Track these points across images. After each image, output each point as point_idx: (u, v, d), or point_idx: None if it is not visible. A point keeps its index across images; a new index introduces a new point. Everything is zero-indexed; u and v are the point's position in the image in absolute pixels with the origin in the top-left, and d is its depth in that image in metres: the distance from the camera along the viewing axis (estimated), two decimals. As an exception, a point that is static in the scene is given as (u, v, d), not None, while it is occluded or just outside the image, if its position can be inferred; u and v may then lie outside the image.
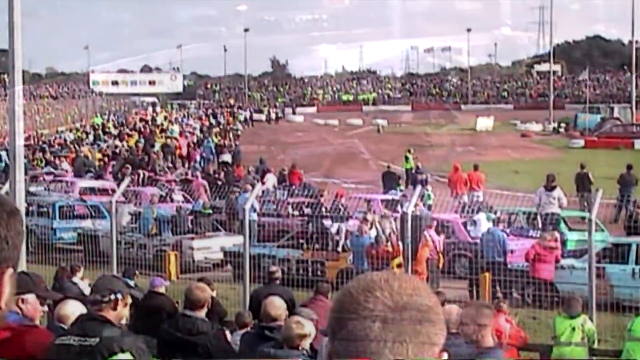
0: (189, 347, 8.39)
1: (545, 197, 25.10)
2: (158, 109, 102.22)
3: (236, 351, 9.15)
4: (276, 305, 9.05)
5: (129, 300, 6.50)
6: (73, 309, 7.09)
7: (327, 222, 24.03)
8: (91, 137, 65.05)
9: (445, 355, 2.14)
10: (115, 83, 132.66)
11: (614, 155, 49.98)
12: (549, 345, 13.60)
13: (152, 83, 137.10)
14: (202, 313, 8.75)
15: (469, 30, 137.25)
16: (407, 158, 42.37)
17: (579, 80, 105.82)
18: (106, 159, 45.38)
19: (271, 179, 35.72)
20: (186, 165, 48.06)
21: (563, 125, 79.75)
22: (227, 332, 9.90)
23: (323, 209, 24.46)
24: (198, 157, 48.54)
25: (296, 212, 27.21)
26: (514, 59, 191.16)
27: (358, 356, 2.08)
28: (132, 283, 15.13)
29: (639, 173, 36.57)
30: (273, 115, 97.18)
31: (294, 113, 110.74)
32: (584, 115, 77.56)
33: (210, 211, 26.77)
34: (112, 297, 6.28)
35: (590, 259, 15.36)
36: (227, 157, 47.61)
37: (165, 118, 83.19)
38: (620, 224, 26.35)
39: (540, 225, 24.53)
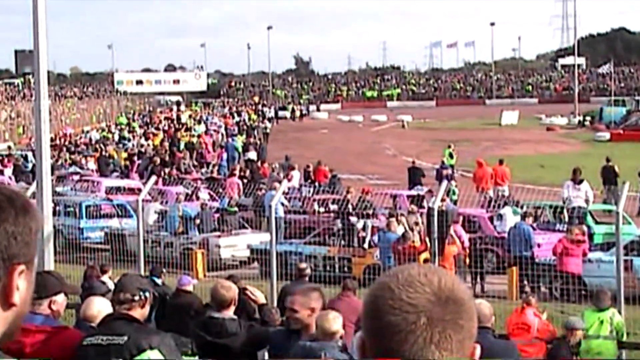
0: (220, 350, 8.34)
1: (573, 190, 25.01)
2: (182, 107, 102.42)
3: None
4: (307, 301, 9.02)
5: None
6: (100, 307, 7.11)
7: (353, 219, 24.02)
8: (116, 137, 65.35)
9: (478, 348, 2.14)
10: (139, 82, 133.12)
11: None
12: (577, 338, 13.54)
13: (176, 82, 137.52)
14: (229, 312, 8.70)
15: (492, 24, 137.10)
16: (451, 155, 42.38)
17: (602, 73, 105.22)
18: (134, 158, 45.49)
19: (297, 176, 35.77)
20: (211, 163, 48.20)
21: (588, 118, 79.44)
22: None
23: (349, 206, 24.43)
24: (225, 156, 48.61)
25: (322, 209, 27.23)
26: (538, 53, 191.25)
27: (401, 353, 2.06)
28: (159, 281, 15.20)
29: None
30: (297, 113, 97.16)
31: (318, 110, 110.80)
32: (609, 108, 77.17)
33: (236, 209, 26.81)
34: (143, 295, 6.32)
35: (618, 252, 15.26)
36: (252, 155, 47.71)
37: (190, 117, 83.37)
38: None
39: (567, 219, 24.45)
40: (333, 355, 7.60)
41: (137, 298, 6.27)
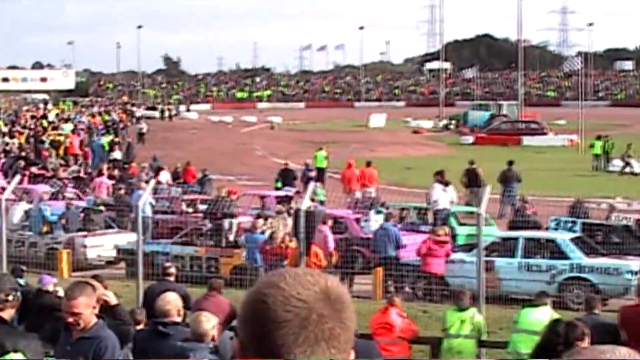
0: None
1: (439, 192, 25.48)
2: (50, 105, 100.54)
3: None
4: (170, 301, 9.05)
5: None
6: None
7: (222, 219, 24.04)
8: (-20, 135, 63.77)
9: (353, 354, 2.17)
10: (5, 80, 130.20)
11: (502, 151, 50.90)
12: (439, 337, 13.84)
13: (43, 80, 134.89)
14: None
15: (361, 28, 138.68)
16: (326, 157, 42.27)
17: (467, 78, 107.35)
18: (-1, 156, 44.47)
19: (165, 176, 35.58)
20: (78, 162, 47.50)
21: (453, 122, 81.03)
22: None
23: (219, 206, 24.42)
24: (92, 155, 48.01)
25: (190, 209, 27.17)
26: (406, 57, 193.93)
27: (292, 350, 2.06)
28: (22, 282, 14.96)
29: (528, 168, 37.38)
30: (167, 113, 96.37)
31: (188, 110, 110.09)
32: (474, 112, 78.95)
33: (102, 208, 26.53)
34: (15, 296, 6.24)
35: (479, 253, 15.64)
36: (117, 155, 47.18)
37: (57, 115, 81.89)
38: (507, 219, 26.90)
39: (431, 220, 24.91)
40: (203, 356, 7.66)
41: (10, 298, 6.18)
